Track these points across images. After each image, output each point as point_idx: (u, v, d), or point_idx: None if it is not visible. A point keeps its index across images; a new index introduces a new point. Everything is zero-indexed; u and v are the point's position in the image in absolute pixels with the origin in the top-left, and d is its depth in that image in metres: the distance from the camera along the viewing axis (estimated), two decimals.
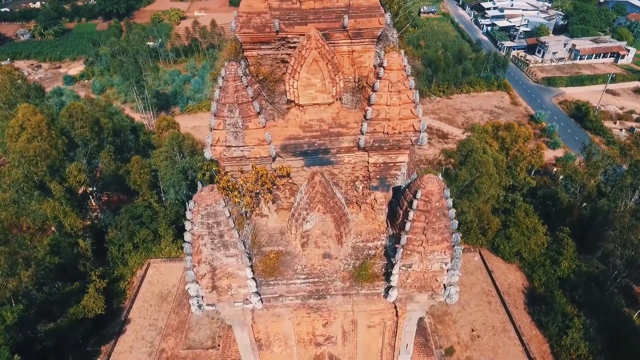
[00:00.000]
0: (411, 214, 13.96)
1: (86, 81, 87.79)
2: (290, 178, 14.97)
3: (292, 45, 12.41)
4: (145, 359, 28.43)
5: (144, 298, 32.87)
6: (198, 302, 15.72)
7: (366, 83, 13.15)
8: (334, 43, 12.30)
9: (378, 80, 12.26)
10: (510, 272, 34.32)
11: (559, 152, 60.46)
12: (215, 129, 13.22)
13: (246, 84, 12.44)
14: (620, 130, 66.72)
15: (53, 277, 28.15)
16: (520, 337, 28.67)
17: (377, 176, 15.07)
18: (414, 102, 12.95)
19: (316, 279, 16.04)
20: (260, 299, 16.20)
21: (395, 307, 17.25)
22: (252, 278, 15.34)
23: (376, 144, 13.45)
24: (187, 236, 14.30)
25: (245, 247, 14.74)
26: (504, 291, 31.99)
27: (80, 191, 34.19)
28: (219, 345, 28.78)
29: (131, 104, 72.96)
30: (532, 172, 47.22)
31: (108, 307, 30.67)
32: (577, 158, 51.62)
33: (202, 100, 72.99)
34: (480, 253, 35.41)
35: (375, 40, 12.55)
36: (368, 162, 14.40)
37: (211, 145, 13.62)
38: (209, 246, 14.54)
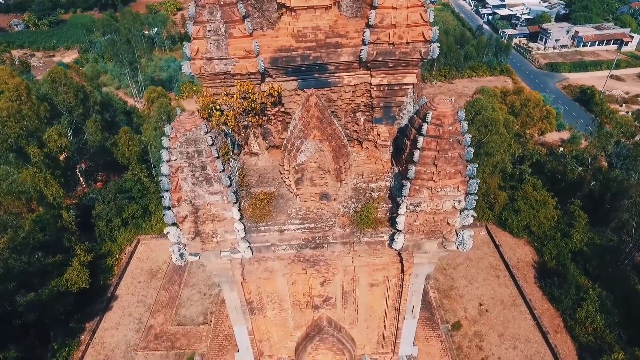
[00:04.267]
0: (420, 141, 12.18)
1: (80, 68, 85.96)
2: (283, 106, 13.18)
3: None
4: (132, 335, 26.72)
5: (133, 275, 31.15)
6: (179, 250, 14.00)
7: None
8: None
9: None
10: (519, 246, 32.61)
11: (565, 134, 58.89)
12: (194, 38, 11.42)
13: None
14: (627, 113, 65.06)
15: (33, 247, 26.36)
16: (532, 311, 27.00)
17: (381, 104, 13.28)
18: (424, 5, 11.22)
19: (312, 225, 14.25)
20: (250, 247, 14.46)
21: (401, 259, 15.47)
22: (240, 220, 13.61)
23: (380, 58, 11.65)
24: (164, 168, 12.54)
25: (231, 183, 12.99)
26: (512, 265, 30.31)
27: (61, 158, 32.35)
28: (210, 322, 27.12)
29: (125, 90, 71.33)
30: (537, 158, 45.54)
31: (94, 284, 28.99)
32: (583, 139, 50.05)
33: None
34: (486, 227, 33.72)
35: None
36: (370, 84, 12.63)
37: (190, 59, 11.89)
38: (190, 180, 12.75)
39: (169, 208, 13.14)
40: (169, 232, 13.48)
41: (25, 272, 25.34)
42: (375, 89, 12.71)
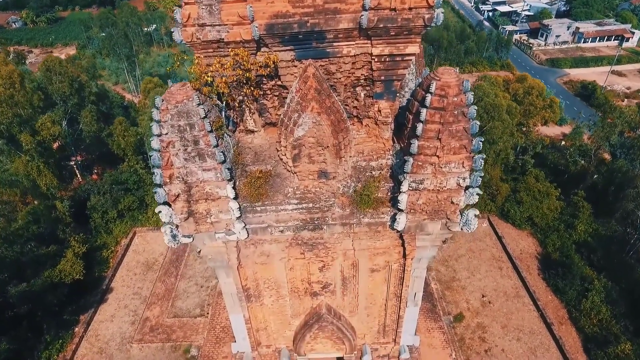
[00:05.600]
0: (423, 113, 11.60)
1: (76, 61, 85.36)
2: (279, 79, 12.60)
3: None
4: (127, 327, 26.14)
5: (128, 267, 30.56)
6: (172, 231, 13.42)
7: None
8: None
9: None
10: (522, 238, 32.03)
11: (566, 129, 58.38)
12: (185, 3, 10.86)
13: None
14: (629, 107, 64.53)
15: (27, 238, 25.76)
16: (536, 303, 26.42)
17: (382, 77, 12.68)
18: None
19: (310, 205, 13.65)
20: (245, 228, 13.88)
21: (403, 242, 14.88)
22: (235, 200, 13.03)
23: (381, 25, 11.06)
24: (154, 143, 11.97)
25: (225, 159, 12.41)
26: (515, 256, 29.74)
27: (55, 146, 31.74)
28: (207, 314, 26.57)
29: (123, 85, 70.82)
30: (540, 147, 45.00)
31: (89, 276, 28.42)
32: (585, 135, 49.55)
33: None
34: (489, 219, 33.14)
35: None
36: (371, 55, 12.05)
37: (181, 26, 11.32)
38: (182, 156, 12.15)
39: (160, 186, 12.57)
40: (160, 212, 12.87)
41: (18, 262, 24.78)
42: (376, 60, 12.12)
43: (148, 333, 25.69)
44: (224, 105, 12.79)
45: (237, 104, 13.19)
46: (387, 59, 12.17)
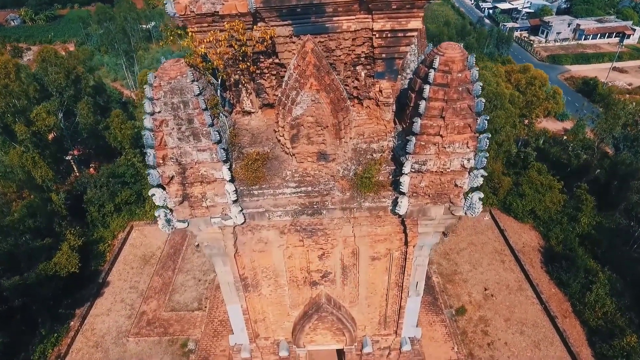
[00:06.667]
0: (427, 90, 11.16)
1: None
2: (277, 56, 12.16)
3: None
4: (124, 321, 25.69)
5: (125, 261, 30.11)
6: (166, 216, 12.97)
7: None
8: None
9: None
10: (524, 231, 31.59)
11: (568, 124, 57.99)
12: None
13: None
14: (633, 100, 64.20)
15: (22, 232, 25.29)
16: (539, 296, 25.98)
17: (383, 54, 12.22)
18: None
19: (309, 188, 13.20)
20: (242, 213, 13.44)
21: (405, 228, 14.45)
22: (231, 182, 12.59)
23: None
24: (147, 121, 11.53)
25: (221, 139, 11.97)
26: (518, 250, 29.30)
27: (50, 137, 31.27)
28: (205, 307, 26.15)
29: (121, 82, 70.45)
30: (542, 141, 44.58)
31: (85, 270, 27.99)
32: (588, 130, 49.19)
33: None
34: (490, 212, 32.70)
35: None
36: (372, 30, 11.60)
37: None
38: (175, 135, 11.71)
39: (153, 167, 12.13)
40: (153, 195, 12.43)
41: (12, 254, 24.32)
42: (377, 35, 11.67)
43: (145, 327, 25.26)
44: (219, 83, 12.36)
45: (233, 83, 12.76)
46: (389, 35, 11.72)
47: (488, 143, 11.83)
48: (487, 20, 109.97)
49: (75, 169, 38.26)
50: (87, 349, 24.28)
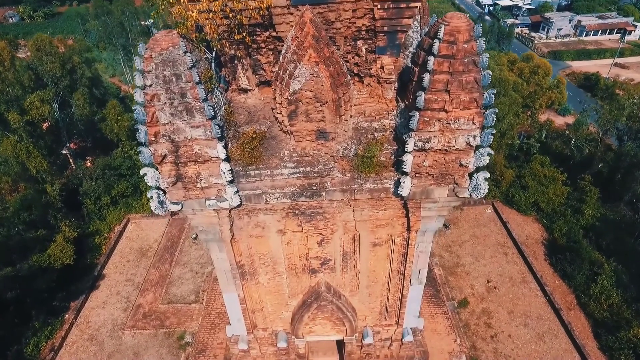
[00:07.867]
0: (431, 62, 10.64)
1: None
2: (274, 29, 11.65)
3: None
4: (119, 314, 25.19)
5: (122, 253, 29.61)
6: (159, 197, 12.45)
7: None
8: None
9: None
10: (527, 223, 31.09)
11: (570, 119, 57.57)
12: None
13: None
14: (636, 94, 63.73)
15: (16, 223, 24.78)
16: (543, 288, 25.49)
17: (385, 27, 11.70)
18: None
19: (308, 169, 12.67)
20: (239, 194, 12.93)
21: (407, 212, 13.94)
22: (227, 161, 12.08)
23: None
24: (138, 95, 11.03)
25: (215, 115, 11.46)
26: (521, 242, 28.80)
27: (44, 127, 30.73)
28: (202, 300, 25.65)
29: (120, 77, 70.12)
30: (545, 134, 44.09)
31: (80, 263, 27.49)
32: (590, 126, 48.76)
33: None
34: (493, 205, 32.21)
35: None
36: (374, 1, 11.09)
37: None
38: (168, 111, 11.19)
39: (144, 145, 11.62)
40: (145, 174, 11.92)
41: (4, 245, 23.81)
42: (378, 7, 11.16)
43: (141, 320, 24.76)
44: (213, 57, 11.84)
45: (228, 59, 12.24)
46: (391, 6, 11.19)
47: (495, 119, 11.33)
48: (487, 17, 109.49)
49: (71, 162, 37.75)
50: (82, 342, 23.77)
